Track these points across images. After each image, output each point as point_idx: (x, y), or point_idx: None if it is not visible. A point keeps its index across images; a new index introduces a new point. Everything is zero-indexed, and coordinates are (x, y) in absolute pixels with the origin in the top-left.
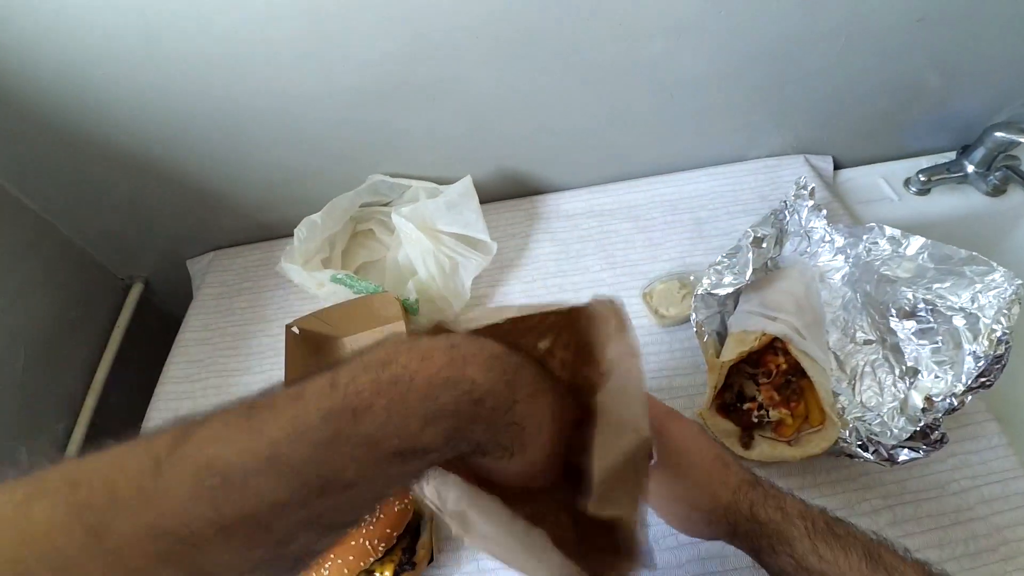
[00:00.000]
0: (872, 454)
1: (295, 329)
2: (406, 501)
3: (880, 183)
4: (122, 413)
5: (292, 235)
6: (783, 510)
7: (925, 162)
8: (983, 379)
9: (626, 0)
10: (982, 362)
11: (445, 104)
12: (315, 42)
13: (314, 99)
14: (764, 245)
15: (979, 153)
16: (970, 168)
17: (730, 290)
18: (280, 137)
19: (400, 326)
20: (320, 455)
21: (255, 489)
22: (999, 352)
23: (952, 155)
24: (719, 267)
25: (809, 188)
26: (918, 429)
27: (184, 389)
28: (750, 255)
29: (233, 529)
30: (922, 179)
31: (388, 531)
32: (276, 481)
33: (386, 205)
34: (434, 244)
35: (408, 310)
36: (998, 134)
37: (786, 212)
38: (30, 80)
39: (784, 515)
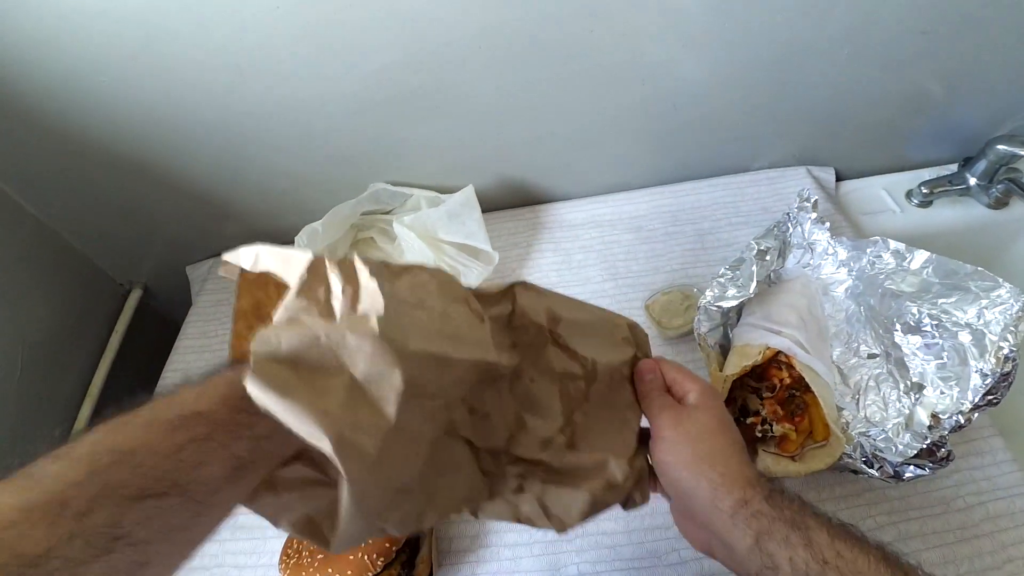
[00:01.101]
0: (877, 471)
1: None
2: None
3: (882, 195)
4: None
5: (293, 243)
6: (801, 502)
7: (927, 174)
8: (990, 396)
9: (627, 9)
10: (989, 379)
11: (447, 113)
12: (316, 50)
13: (316, 107)
14: (768, 257)
15: (981, 166)
16: (972, 181)
17: (734, 303)
18: (281, 144)
19: None
20: (108, 438)
21: (52, 475)
22: (1006, 369)
23: (954, 167)
24: (722, 279)
25: (812, 200)
26: (925, 446)
27: None
28: (754, 268)
29: (35, 509)
30: (924, 191)
31: (387, 545)
32: (71, 465)
33: (387, 213)
34: (435, 253)
35: None
36: (1000, 147)
37: (789, 224)
38: (31, 86)
39: (802, 506)
